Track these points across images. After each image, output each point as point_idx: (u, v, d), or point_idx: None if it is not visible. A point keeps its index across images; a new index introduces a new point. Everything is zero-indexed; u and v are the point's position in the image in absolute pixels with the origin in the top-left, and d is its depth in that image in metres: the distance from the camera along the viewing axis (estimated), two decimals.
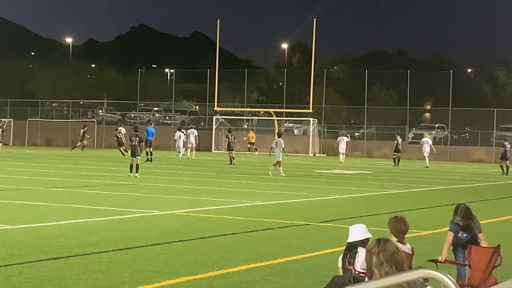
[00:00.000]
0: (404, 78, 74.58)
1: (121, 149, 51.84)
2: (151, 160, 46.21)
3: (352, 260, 9.55)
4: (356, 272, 9.44)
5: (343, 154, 54.46)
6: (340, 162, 52.52)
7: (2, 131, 52.94)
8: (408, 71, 73.61)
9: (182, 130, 53.55)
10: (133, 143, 33.96)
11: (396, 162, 50.46)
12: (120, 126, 58.49)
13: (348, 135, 58.03)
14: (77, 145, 59.75)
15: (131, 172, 33.21)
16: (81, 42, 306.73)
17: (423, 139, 52.32)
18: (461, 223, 10.40)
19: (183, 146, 50.84)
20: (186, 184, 29.44)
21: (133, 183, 29.06)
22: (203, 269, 12.08)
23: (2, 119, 64.83)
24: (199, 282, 11.18)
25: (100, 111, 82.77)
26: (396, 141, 51.72)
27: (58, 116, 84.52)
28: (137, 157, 33.40)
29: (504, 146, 43.40)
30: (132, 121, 78.09)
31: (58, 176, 31.91)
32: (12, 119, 77.07)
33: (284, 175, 35.57)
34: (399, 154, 51.14)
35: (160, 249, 13.89)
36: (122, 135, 52.47)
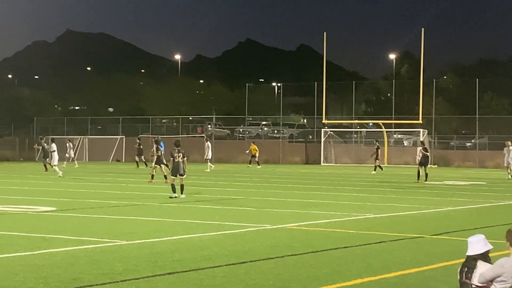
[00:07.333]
0: None
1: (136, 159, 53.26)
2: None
3: (469, 275, 9.33)
4: (473, 286, 9.22)
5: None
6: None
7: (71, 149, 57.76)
8: None
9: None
10: (176, 160, 28.11)
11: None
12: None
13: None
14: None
15: (174, 192, 28.29)
16: (189, 58, 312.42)
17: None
18: None
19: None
20: (296, 197, 29.41)
21: (243, 198, 29.19)
22: (316, 283, 11.99)
23: (73, 137, 68.38)
24: None
25: (209, 126, 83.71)
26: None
27: (168, 132, 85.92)
28: (180, 176, 28.23)
29: (427, 151, 41.74)
30: (240, 135, 78.78)
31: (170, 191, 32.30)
32: (124, 136, 78.95)
33: None
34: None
35: (272, 263, 13.87)
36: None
